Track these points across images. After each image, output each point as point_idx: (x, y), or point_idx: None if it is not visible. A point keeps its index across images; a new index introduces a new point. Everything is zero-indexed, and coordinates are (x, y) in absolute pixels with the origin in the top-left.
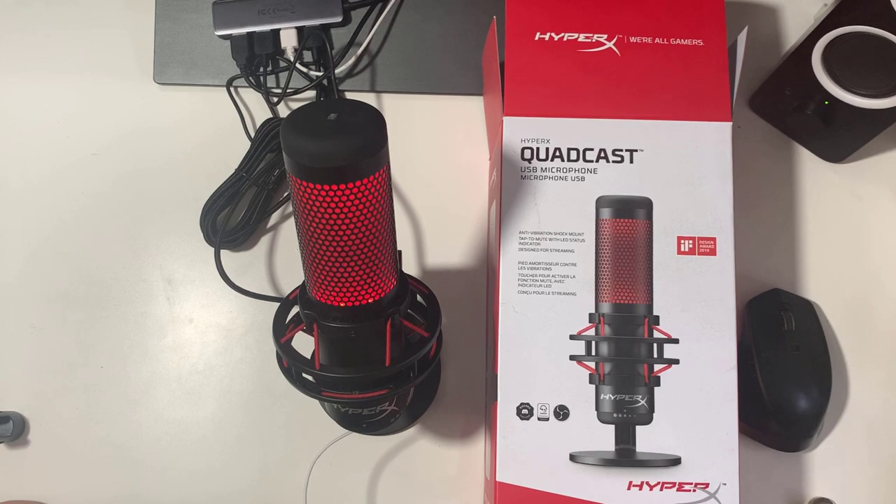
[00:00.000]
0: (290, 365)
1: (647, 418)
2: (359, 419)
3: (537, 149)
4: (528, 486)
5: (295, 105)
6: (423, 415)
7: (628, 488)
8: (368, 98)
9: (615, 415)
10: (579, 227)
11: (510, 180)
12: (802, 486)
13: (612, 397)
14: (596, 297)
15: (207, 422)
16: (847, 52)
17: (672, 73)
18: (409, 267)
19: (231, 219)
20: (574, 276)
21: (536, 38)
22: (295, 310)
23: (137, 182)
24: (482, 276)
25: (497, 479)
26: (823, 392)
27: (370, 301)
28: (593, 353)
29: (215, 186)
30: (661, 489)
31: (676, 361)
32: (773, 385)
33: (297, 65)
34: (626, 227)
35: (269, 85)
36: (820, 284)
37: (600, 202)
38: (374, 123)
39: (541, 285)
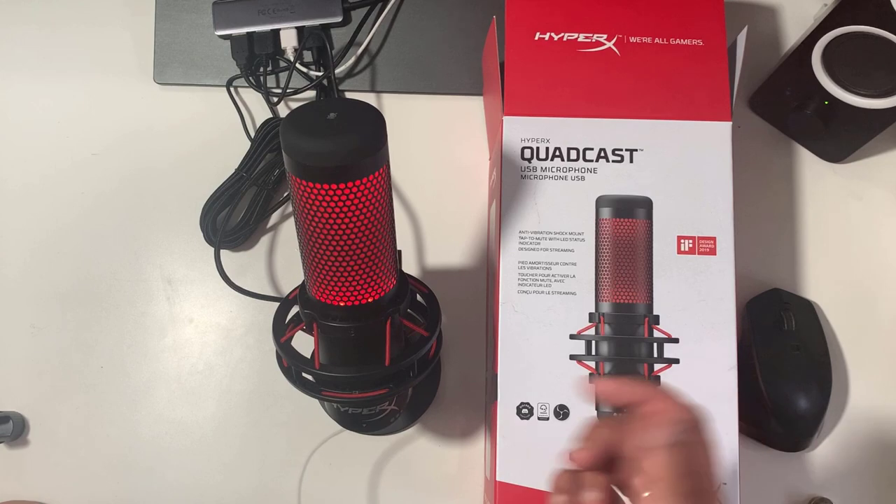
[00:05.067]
0: (290, 364)
1: None
2: (359, 419)
3: (537, 148)
4: (528, 486)
5: (295, 105)
6: (423, 415)
7: None
8: (368, 98)
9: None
10: (579, 226)
11: (510, 180)
12: (802, 486)
13: None
14: (596, 296)
15: (207, 422)
16: (847, 52)
17: (672, 73)
18: (409, 267)
19: (231, 219)
20: (574, 276)
21: (536, 38)
22: (295, 309)
23: (137, 182)
24: (482, 276)
25: (497, 479)
26: (823, 392)
27: (370, 300)
28: (593, 352)
29: (215, 186)
30: None
31: (676, 361)
32: (773, 385)
33: (297, 65)
34: (626, 226)
35: (269, 85)
36: (820, 284)
37: (600, 202)
38: (374, 123)
39: (541, 285)
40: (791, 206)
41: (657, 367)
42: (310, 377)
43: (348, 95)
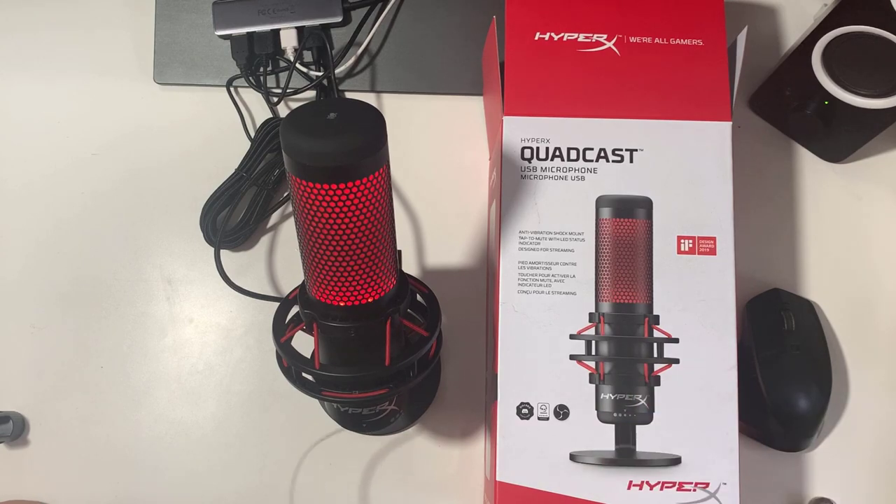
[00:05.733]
0: (290, 364)
1: (647, 418)
2: (359, 419)
3: (537, 148)
4: (528, 486)
5: (295, 105)
6: (423, 415)
7: (628, 488)
8: (368, 98)
9: (615, 414)
10: (579, 226)
11: (510, 180)
12: (802, 486)
13: (612, 397)
14: (596, 296)
15: (207, 422)
16: (847, 52)
17: (672, 73)
18: (409, 267)
19: (231, 219)
20: (574, 276)
21: (536, 38)
22: (295, 309)
23: (137, 182)
24: (482, 276)
25: (497, 479)
26: (823, 392)
27: (370, 300)
28: (593, 352)
29: (215, 186)
30: (662, 489)
31: (676, 361)
32: (773, 385)
33: (297, 65)
34: (626, 226)
35: (269, 85)
36: (820, 284)
37: (600, 202)
38: (374, 123)
39: (541, 285)
40: (791, 206)
41: (657, 367)
42: (310, 377)
43: (348, 95)
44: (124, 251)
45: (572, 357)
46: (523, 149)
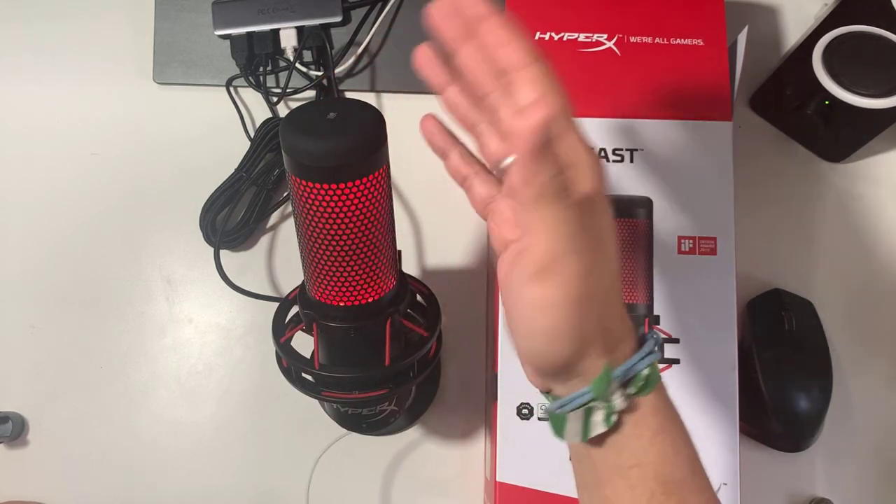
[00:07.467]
0: (290, 365)
1: None
2: (359, 419)
3: None
4: (528, 486)
5: (295, 105)
6: (423, 415)
7: None
8: (368, 98)
9: None
10: None
11: None
12: (802, 486)
13: None
14: None
15: (207, 422)
16: (847, 51)
17: (672, 73)
18: (409, 267)
19: (231, 219)
20: None
21: (536, 38)
22: (294, 309)
23: (137, 182)
24: (482, 276)
25: (497, 479)
26: (824, 392)
27: (370, 300)
28: None
29: (215, 186)
30: None
31: (677, 361)
32: (773, 385)
33: (297, 64)
34: (627, 226)
35: (268, 85)
36: (820, 284)
37: None
38: (374, 122)
39: None
40: (791, 206)
41: None
42: (309, 377)
43: (348, 95)
44: (124, 251)
45: None
46: None
